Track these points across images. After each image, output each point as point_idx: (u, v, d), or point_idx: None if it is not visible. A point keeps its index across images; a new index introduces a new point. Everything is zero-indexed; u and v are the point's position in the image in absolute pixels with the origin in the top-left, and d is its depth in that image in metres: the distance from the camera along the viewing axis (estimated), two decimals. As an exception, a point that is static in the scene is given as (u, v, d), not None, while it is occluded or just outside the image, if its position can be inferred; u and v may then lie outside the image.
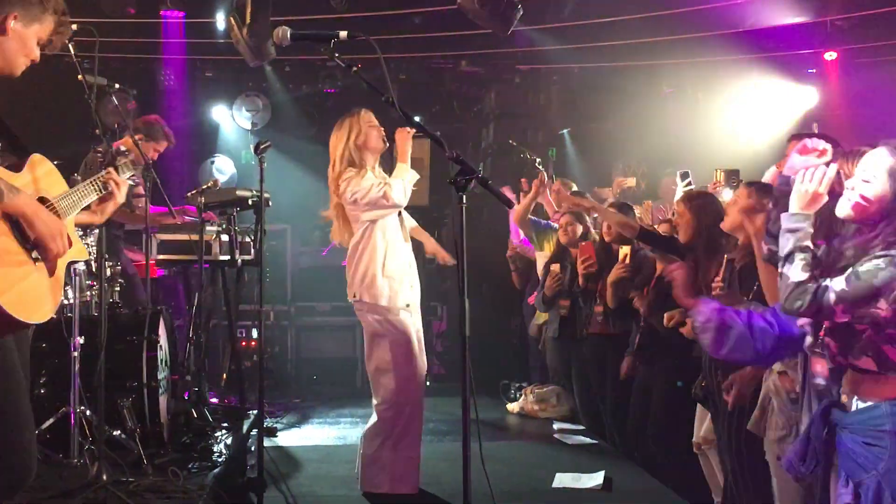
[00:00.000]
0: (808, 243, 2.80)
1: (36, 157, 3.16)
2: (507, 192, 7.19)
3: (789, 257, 2.80)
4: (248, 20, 7.55)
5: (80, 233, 4.67)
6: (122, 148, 4.17)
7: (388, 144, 5.19)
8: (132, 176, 3.79)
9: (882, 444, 2.65)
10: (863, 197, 2.77)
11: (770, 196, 3.61)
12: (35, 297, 3.00)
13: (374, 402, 5.08)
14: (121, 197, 3.47)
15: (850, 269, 2.66)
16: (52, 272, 3.09)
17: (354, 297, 5.09)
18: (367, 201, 4.98)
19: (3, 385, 2.94)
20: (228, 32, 7.96)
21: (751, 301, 3.67)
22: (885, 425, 2.65)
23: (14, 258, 2.93)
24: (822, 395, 2.88)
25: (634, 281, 5.76)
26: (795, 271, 2.76)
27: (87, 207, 3.42)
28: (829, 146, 3.00)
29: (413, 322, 5.10)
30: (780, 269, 2.84)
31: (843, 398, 2.80)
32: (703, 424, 4.70)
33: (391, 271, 5.05)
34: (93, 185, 3.37)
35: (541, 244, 7.27)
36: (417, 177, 5.16)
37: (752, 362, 3.55)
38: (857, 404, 2.74)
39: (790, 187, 2.95)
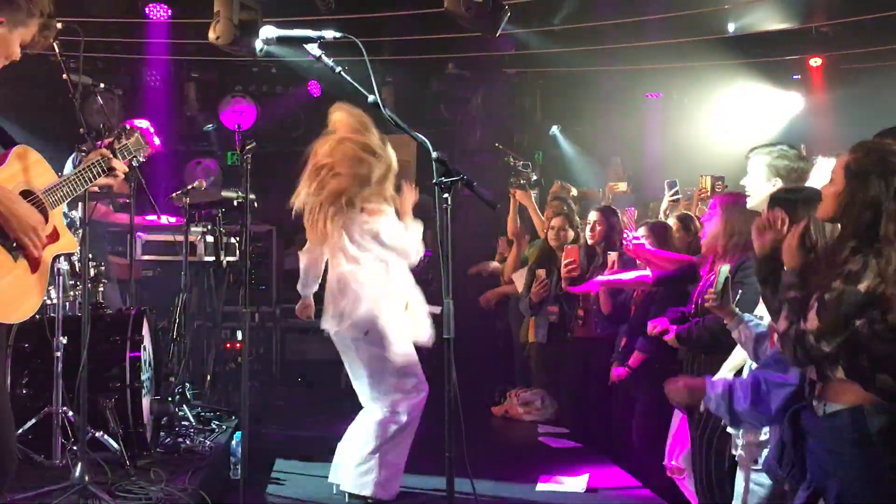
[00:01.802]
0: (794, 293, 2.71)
1: (20, 148, 3.11)
2: None
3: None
4: (214, 21, 7.58)
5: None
6: (127, 127, 3.98)
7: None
8: (134, 157, 3.68)
9: (844, 452, 2.61)
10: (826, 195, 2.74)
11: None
12: (13, 297, 2.96)
13: (376, 404, 4.98)
14: (121, 174, 3.42)
15: (816, 302, 2.59)
16: (35, 268, 3.04)
17: (366, 333, 4.95)
18: (391, 247, 4.92)
19: None
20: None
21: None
22: (846, 433, 2.60)
23: None
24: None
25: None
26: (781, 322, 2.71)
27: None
28: None
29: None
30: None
31: (814, 402, 2.78)
32: (676, 448, 4.60)
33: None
34: (90, 172, 3.29)
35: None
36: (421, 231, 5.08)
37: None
38: (823, 410, 2.69)
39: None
